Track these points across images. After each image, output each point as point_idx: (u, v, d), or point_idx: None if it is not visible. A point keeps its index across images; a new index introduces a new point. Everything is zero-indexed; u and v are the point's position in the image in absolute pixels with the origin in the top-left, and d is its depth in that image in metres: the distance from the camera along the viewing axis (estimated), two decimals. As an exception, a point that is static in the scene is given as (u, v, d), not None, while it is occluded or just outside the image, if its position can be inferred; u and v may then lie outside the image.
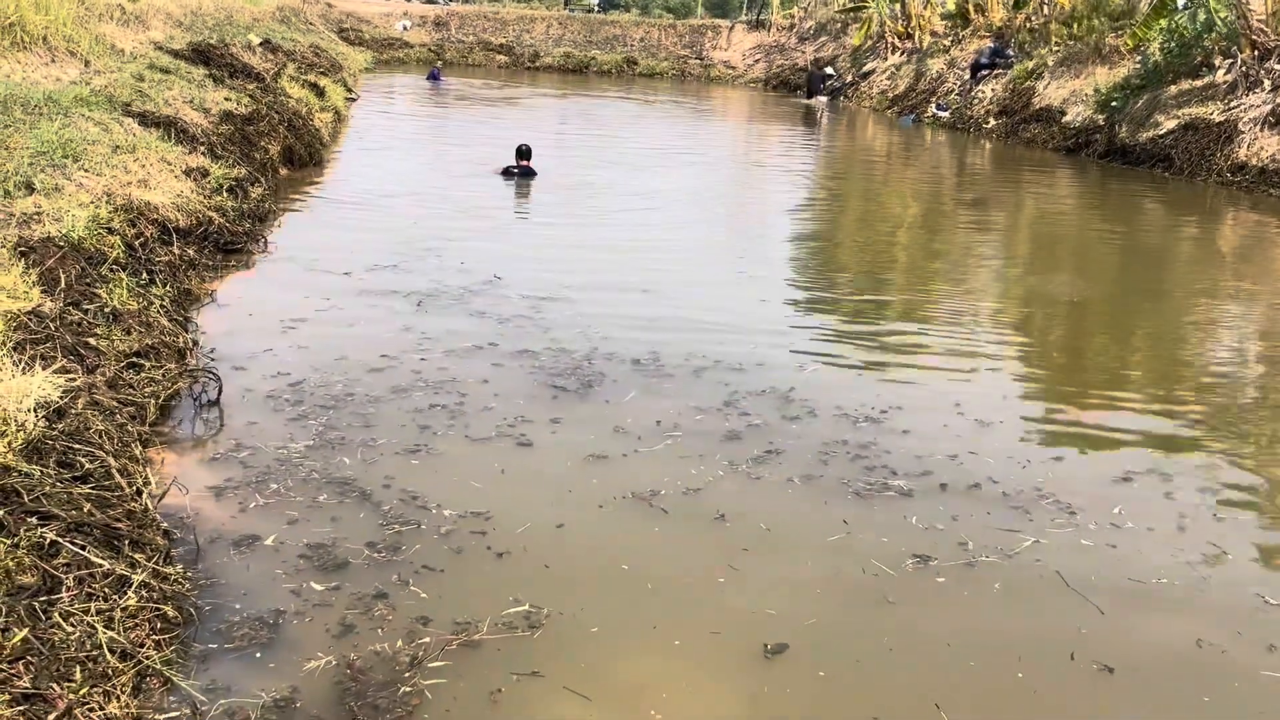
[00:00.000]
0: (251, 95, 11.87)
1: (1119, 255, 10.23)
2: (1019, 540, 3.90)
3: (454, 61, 36.05)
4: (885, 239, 10.57)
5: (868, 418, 4.98)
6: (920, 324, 6.97)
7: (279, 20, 25.54)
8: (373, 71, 30.01)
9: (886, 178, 16.04)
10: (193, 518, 3.64)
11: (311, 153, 11.70)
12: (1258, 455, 4.92)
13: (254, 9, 23.75)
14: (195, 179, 7.83)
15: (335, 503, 3.92)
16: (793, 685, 3.03)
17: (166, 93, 10.01)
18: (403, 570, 3.48)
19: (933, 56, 26.89)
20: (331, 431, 4.54)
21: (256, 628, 3.07)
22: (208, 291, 6.38)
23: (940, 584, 3.60)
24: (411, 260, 7.59)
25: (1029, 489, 4.30)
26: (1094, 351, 6.72)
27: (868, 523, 3.99)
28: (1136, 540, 3.94)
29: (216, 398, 4.66)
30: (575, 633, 3.21)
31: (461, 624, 3.19)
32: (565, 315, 6.40)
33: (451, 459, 4.37)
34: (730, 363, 5.68)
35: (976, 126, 21.68)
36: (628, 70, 38.64)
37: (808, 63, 34.76)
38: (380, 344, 5.71)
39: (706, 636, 3.24)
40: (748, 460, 4.49)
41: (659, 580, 3.55)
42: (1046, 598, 3.54)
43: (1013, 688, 3.07)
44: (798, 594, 3.50)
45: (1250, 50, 15.74)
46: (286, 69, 15.59)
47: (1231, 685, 3.13)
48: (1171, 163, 15.59)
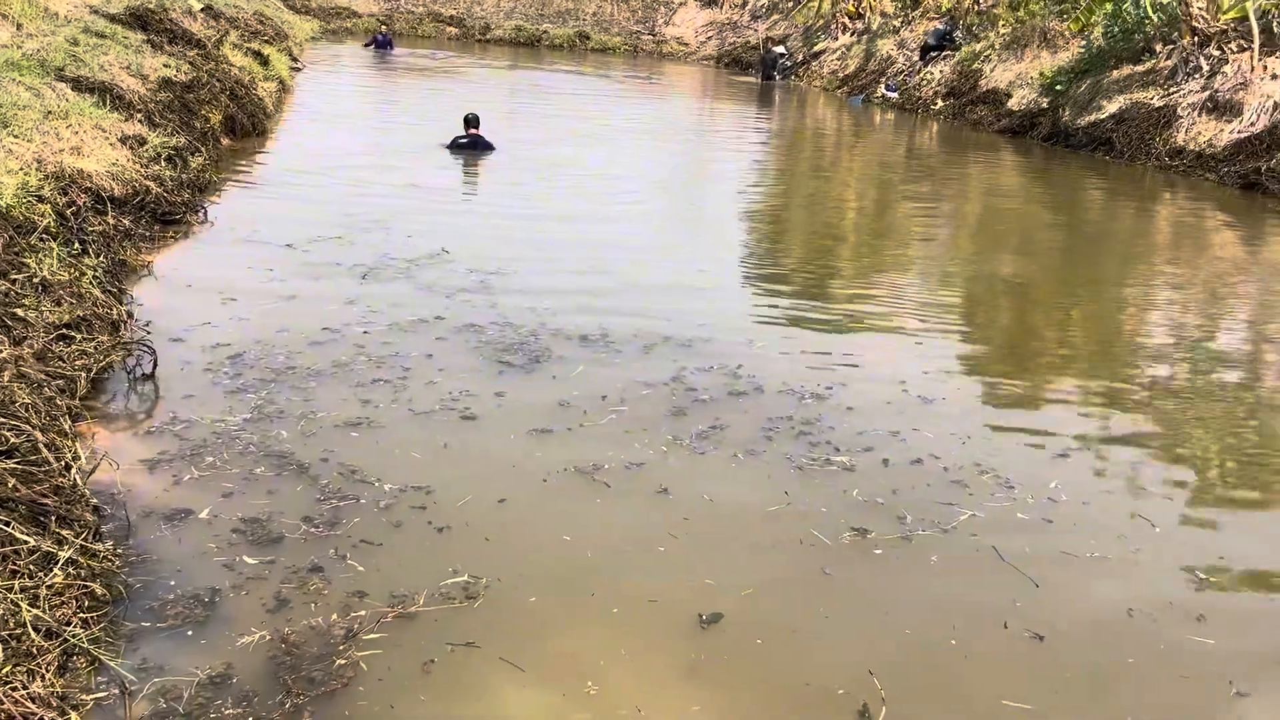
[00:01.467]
0: (192, 62, 11.57)
1: (1061, 237, 10.38)
2: (956, 514, 3.96)
3: (404, 33, 35.45)
4: (834, 218, 10.62)
5: (813, 394, 5.02)
6: (867, 302, 7.02)
7: (221, -14, 24.89)
8: (320, 41, 29.43)
9: (835, 158, 16.13)
10: (124, 493, 3.57)
11: (255, 122, 11.46)
12: (1189, 433, 5.04)
13: (195, -27, 23.12)
14: (132, 147, 7.63)
15: (272, 476, 3.86)
16: (728, 653, 3.06)
17: (102, 58, 9.72)
18: (340, 544, 3.44)
19: (883, 37, 27.02)
20: (270, 405, 4.47)
21: (189, 605, 3.02)
22: (144, 263, 6.23)
23: (877, 556, 3.65)
24: (357, 232, 7.47)
25: (968, 464, 4.36)
26: (1035, 331, 6.82)
27: (809, 496, 4.03)
28: (1072, 514, 4.01)
29: (151, 371, 4.56)
30: (513, 604, 3.21)
31: (398, 596, 3.17)
32: (514, 290, 6.35)
33: (393, 433, 4.32)
34: (679, 339, 5.67)
35: (924, 107, 21.85)
36: (580, 45, 38.31)
37: (760, 41, 34.76)
38: (323, 317, 5.63)
39: (644, 606, 3.26)
40: (692, 435, 4.50)
41: (599, 551, 3.56)
42: (982, 569, 3.60)
43: (946, 654, 3.12)
44: (737, 565, 3.53)
45: (1190, 36, 16.03)
46: (229, 36, 15.22)
47: (1158, 650, 3.21)
48: (1112, 146, 15.85)
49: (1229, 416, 5.26)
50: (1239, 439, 4.96)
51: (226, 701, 2.65)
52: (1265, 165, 13.08)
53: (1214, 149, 14.27)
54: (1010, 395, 5.42)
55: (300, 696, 2.68)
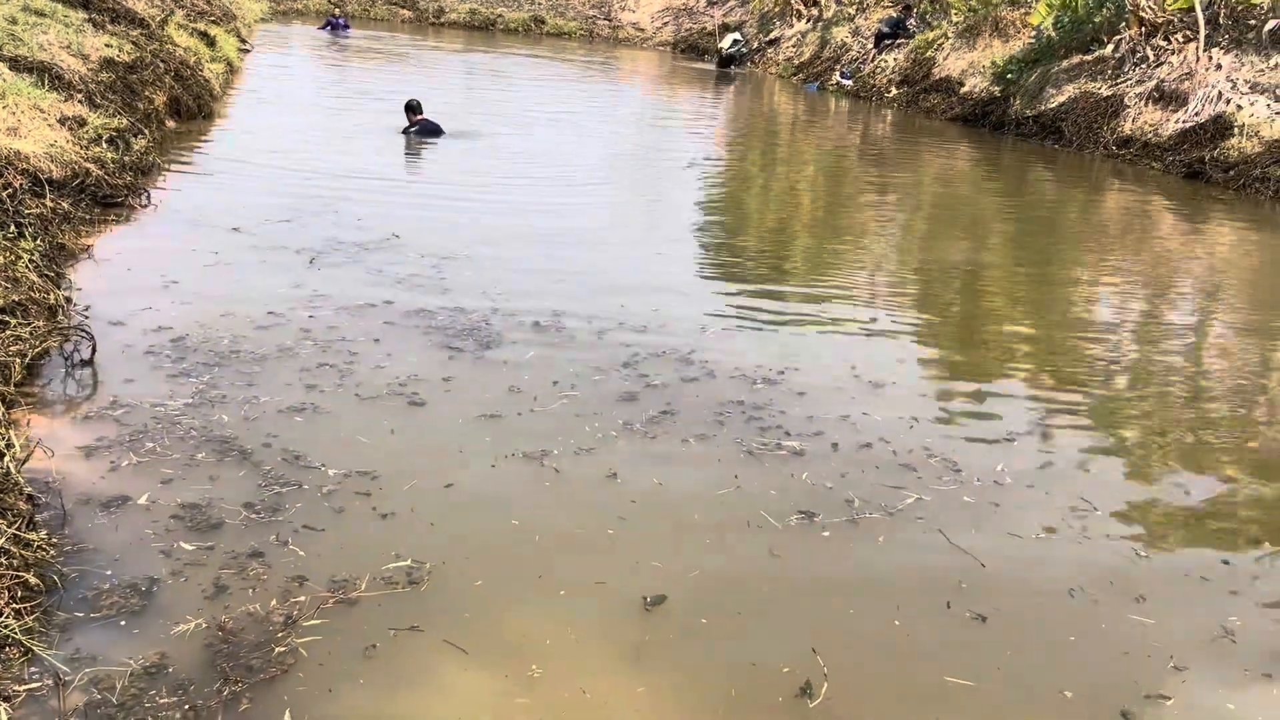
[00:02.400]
0: (135, 42, 11.29)
1: (1011, 225, 10.50)
2: (904, 497, 3.99)
3: (356, 16, 34.93)
4: (787, 205, 10.65)
5: (765, 379, 5.03)
6: (819, 288, 7.05)
7: (167, -35, 24.35)
8: (270, 23, 28.92)
9: (790, 145, 16.17)
10: (60, 481, 3.48)
11: (200, 105, 11.23)
12: (1133, 416, 5.12)
13: (140, -48, 22.59)
14: (71, 128, 7.44)
15: (214, 462, 3.80)
16: (674, 635, 3.07)
17: (41, 37, 9.45)
18: (281, 530, 3.40)
19: (838, 25, 27.12)
20: (213, 389, 4.39)
21: (125, 594, 2.95)
22: (83, 246, 6.08)
23: (824, 538, 3.67)
24: (305, 216, 7.35)
25: (917, 448, 4.40)
26: (984, 317, 6.89)
27: (758, 480, 4.04)
28: (1017, 497, 4.06)
29: (90, 357, 4.45)
30: (458, 588, 3.19)
31: (339, 582, 3.14)
32: (465, 275, 6.28)
33: (338, 418, 4.27)
34: (633, 325, 5.66)
35: (879, 95, 21.98)
36: (535, 29, 38.02)
37: (715, 28, 34.73)
38: (269, 300, 5.53)
39: (591, 589, 3.26)
40: (643, 420, 4.49)
41: (546, 536, 3.54)
42: (927, 551, 3.63)
43: (888, 634, 3.15)
44: (684, 548, 3.54)
45: (1137, 27, 16.27)
46: (174, 16, 14.88)
47: (1099, 628, 3.26)
48: (1062, 135, 16.06)
49: (1172, 399, 5.35)
50: (1181, 422, 5.05)
51: (161, 691, 2.59)
52: (1209, 154, 13.32)
53: (1160, 138, 14.50)
54: (960, 380, 5.47)
55: (238, 684, 2.64)
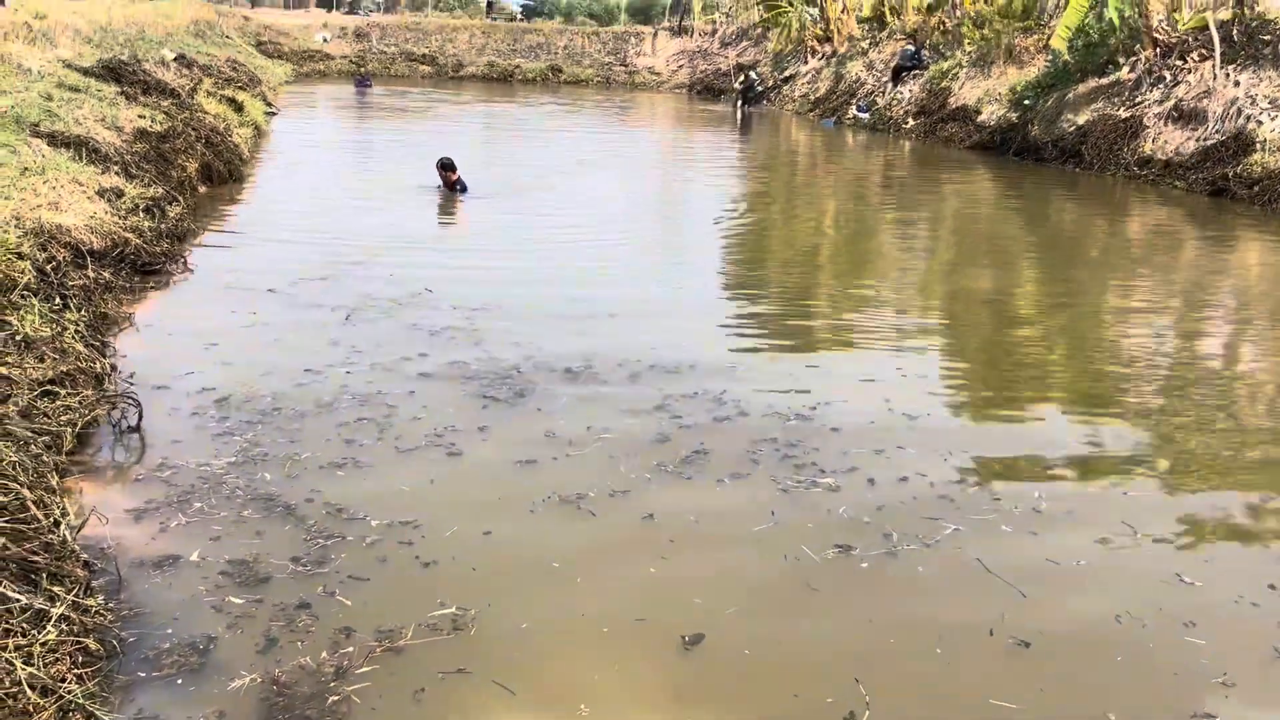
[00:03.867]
0: (166, 112, 11.62)
1: (1037, 250, 10.51)
2: (941, 528, 4.00)
3: (377, 73, 35.69)
4: (811, 241, 10.72)
5: (798, 415, 5.07)
6: (849, 323, 7.10)
7: (194, 34, 25.05)
8: (293, 84, 29.57)
9: (810, 180, 16.28)
10: (114, 546, 3.57)
11: (231, 169, 11.49)
12: (1170, 440, 5.10)
13: (167, 23, 23.27)
14: (109, 200, 7.65)
15: (260, 518, 3.88)
16: (719, 668, 3.12)
17: (77, 111, 9.76)
18: (328, 581, 3.47)
19: (851, 60, 27.36)
20: (256, 447, 4.49)
21: (183, 653, 3.02)
22: (126, 314, 6.23)
23: (863, 570, 3.70)
24: (339, 274, 7.50)
25: (954, 480, 4.42)
26: (1015, 344, 6.89)
27: (794, 516, 4.07)
28: (1056, 525, 4.06)
29: (137, 423, 4.56)
30: (503, 630, 3.25)
31: (386, 630, 3.20)
32: (497, 326, 6.38)
33: (378, 470, 4.35)
34: (664, 366, 5.72)
35: (896, 127, 22.11)
36: (553, 78, 38.61)
37: (730, 68, 35.10)
38: (306, 358, 5.65)
39: (633, 626, 3.31)
40: (676, 461, 4.54)
41: (587, 577, 3.60)
42: (967, 581, 3.65)
43: (930, 662, 3.18)
44: (723, 583, 3.59)
45: (1152, 48, 16.31)
46: (203, 84, 15.30)
47: (1147, 649, 3.26)
48: (1082, 158, 16.08)
49: (1209, 421, 5.33)
50: (1219, 443, 5.03)
51: (223, 748, 2.65)
52: (1232, 171, 13.28)
53: (1181, 157, 14.48)
54: (993, 409, 5.48)
55: (297, 738, 2.69)
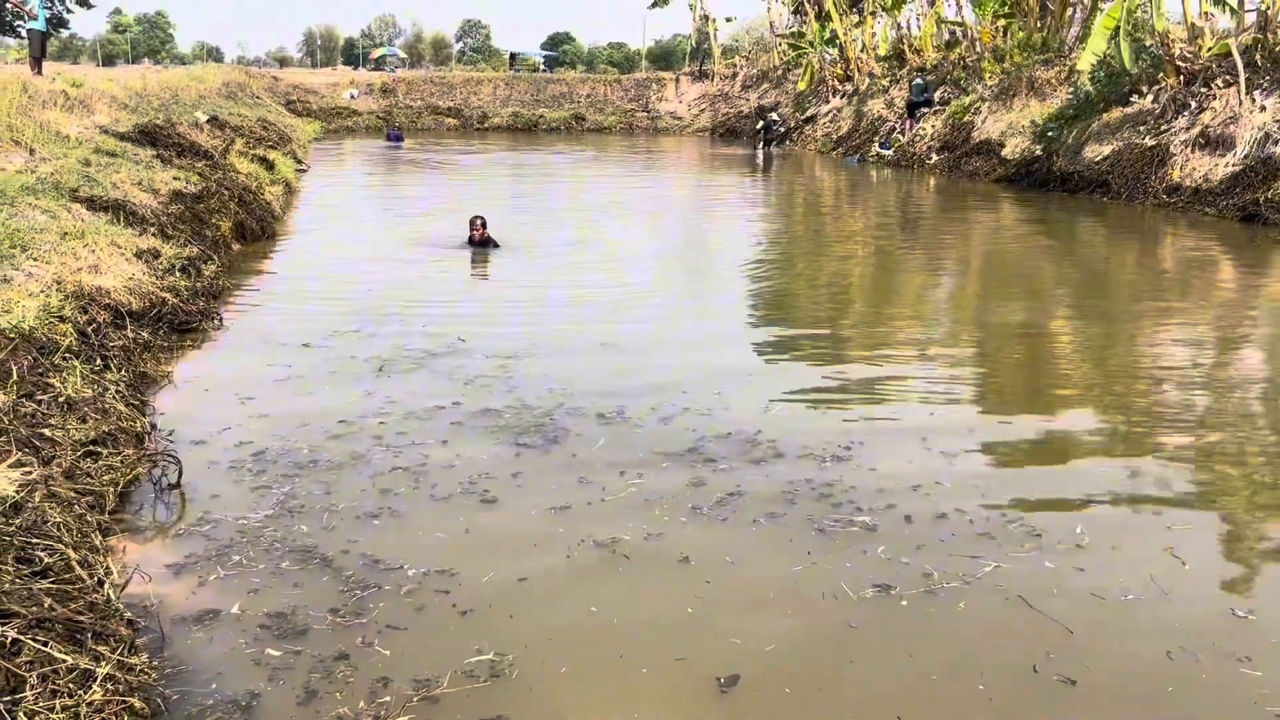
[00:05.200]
0: (200, 173, 11.88)
1: (1067, 281, 10.45)
2: (982, 565, 3.95)
3: (404, 126, 36.31)
4: (840, 279, 10.72)
5: (833, 455, 5.04)
6: (882, 360, 7.07)
7: (225, 96, 25.64)
8: (322, 140, 30.14)
9: (836, 218, 16.31)
10: (157, 605, 3.60)
11: (264, 227, 11.70)
12: (1214, 470, 5.03)
13: (199, 86, 23.85)
14: (147, 261, 7.81)
15: (297, 570, 3.91)
16: (762, 707, 3.11)
17: (114, 176, 9.99)
18: (365, 632, 3.48)
19: (872, 97, 27.53)
20: (293, 500, 4.52)
21: (226, 710, 3.03)
22: (164, 373, 6.33)
23: (903, 608, 3.67)
24: (372, 327, 7.58)
25: (994, 516, 4.37)
26: (1050, 377, 6.84)
27: (832, 556, 4.05)
28: (1100, 559, 4.00)
29: (177, 481, 4.61)
30: (541, 674, 3.26)
31: (423, 680, 3.20)
32: (530, 374, 6.42)
33: (413, 520, 4.37)
34: (696, 410, 5.72)
35: (920, 163, 22.16)
36: (576, 126, 39.14)
37: (752, 111, 35.40)
38: (341, 410, 5.70)
39: (672, 666, 3.31)
40: (712, 503, 4.52)
41: (624, 619, 3.60)
42: (1009, 618, 3.60)
43: (975, 699, 3.14)
44: (761, 623, 3.58)
45: (1175, 76, 16.29)
46: (235, 144, 15.63)
47: (1200, 680, 3.19)
48: (1109, 188, 16.04)
49: (1252, 449, 5.25)
50: (1263, 471, 4.95)
51: (268, 805, 2.65)
52: (1263, 195, 13.18)
53: (1210, 183, 14.40)
54: (1031, 443, 5.42)
55: (340, 794, 2.69)
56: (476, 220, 11.26)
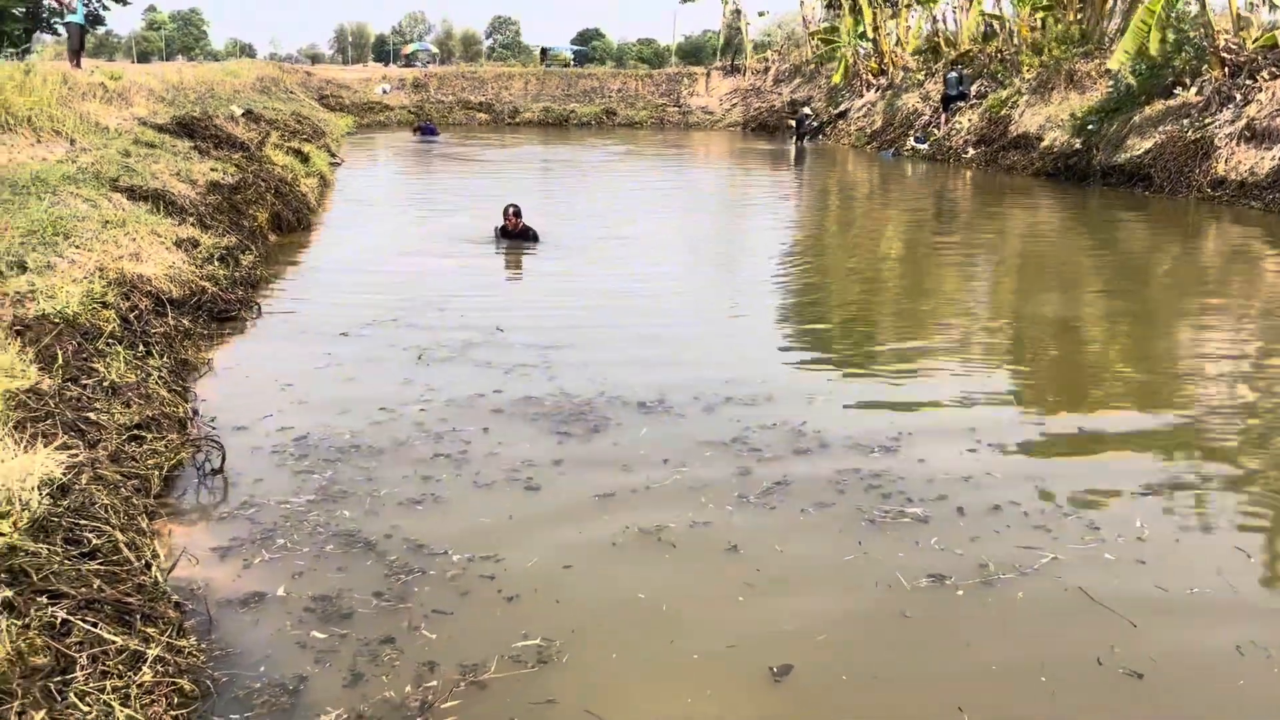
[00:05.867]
0: (237, 165, 11.92)
1: (1111, 274, 10.27)
2: (1038, 557, 3.86)
3: (435, 121, 36.40)
4: (880, 270, 10.60)
5: (881, 446, 4.95)
6: (925, 353, 6.96)
7: (259, 90, 25.81)
8: (355, 135, 30.27)
9: (873, 211, 16.15)
10: (203, 587, 3.57)
11: (299, 218, 11.73)
12: (1269, 461, 4.89)
13: (234, 80, 24.01)
14: (186, 249, 7.83)
15: (341, 554, 3.88)
16: (814, 696, 3.06)
17: (153, 166, 10.05)
18: (411, 616, 3.45)
19: (907, 91, 27.26)
20: (335, 485, 4.50)
21: (273, 693, 3.00)
22: (205, 360, 6.33)
23: (959, 598, 3.59)
24: (409, 317, 7.56)
25: (1049, 508, 4.26)
26: (1098, 369, 6.70)
27: (883, 546, 3.97)
28: (1162, 552, 3.89)
29: (220, 466, 4.60)
30: (590, 660, 3.22)
31: (470, 665, 3.16)
32: (569, 363, 6.36)
33: (457, 506, 4.34)
34: (739, 399, 5.65)
35: (956, 157, 21.91)
36: (607, 121, 39.08)
37: (784, 105, 35.19)
38: (381, 397, 5.68)
39: (724, 653, 3.26)
40: (758, 492, 4.45)
41: (673, 605, 3.55)
42: (1070, 611, 3.51)
43: (1037, 691, 3.06)
44: (814, 612, 3.51)
45: (1220, 68, 15.98)
46: (270, 137, 15.70)
47: (1275, 678, 3.09)
48: (1152, 181, 15.76)
49: (1310, 442, 5.10)
50: (1324, 464, 4.81)
51: (318, 789, 2.61)
52: (1312, 188, 12.90)
53: (1256, 176, 14.12)
54: (1083, 436, 5.30)
55: (390, 778, 2.64)
56: (509, 209, 10.87)
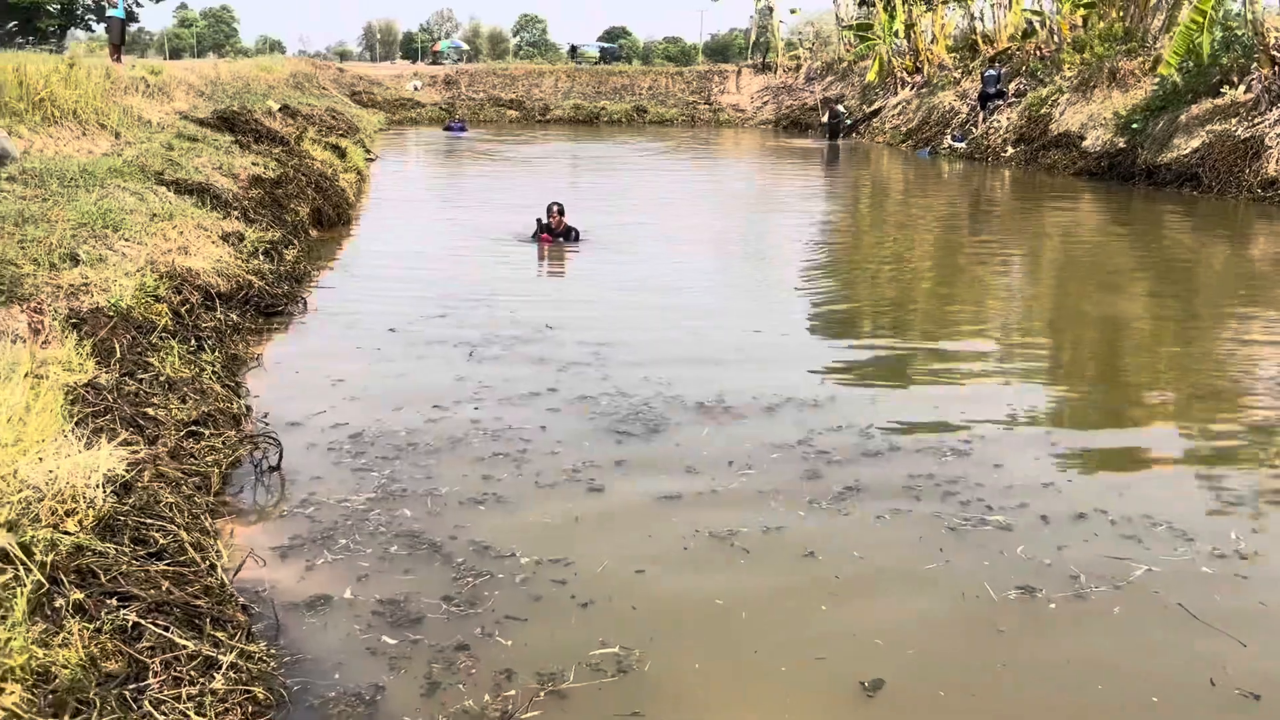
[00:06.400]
0: (278, 159, 11.88)
1: (1177, 275, 10.03)
2: (1131, 569, 3.69)
3: (466, 118, 36.42)
4: (930, 270, 10.41)
5: (953, 450, 4.79)
6: (991, 353, 6.79)
7: (293, 86, 25.87)
8: (387, 131, 30.30)
9: (918, 209, 15.91)
10: (268, 589, 3.47)
11: (339, 213, 11.66)
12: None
13: (268, 76, 24.07)
14: (232, 244, 7.76)
15: (405, 555, 3.79)
16: (907, 714, 2.92)
17: (196, 160, 10.01)
18: (484, 621, 3.34)
19: (943, 89, 26.94)
20: (394, 483, 4.40)
21: (350, 703, 2.89)
22: (253, 355, 6.25)
23: (1052, 611, 3.44)
24: (457, 313, 7.46)
25: (1136, 517, 4.09)
26: (1172, 373, 6.45)
27: (967, 555, 3.82)
28: (1265, 566, 3.72)
29: (277, 463, 4.50)
30: (673, 670, 3.09)
31: (548, 674, 3.05)
32: (621, 360, 6.24)
33: (520, 506, 4.22)
34: (800, 400, 5.50)
35: (994, 156, 21.61)
36: (638, 118, 38.93)
37: (817, 102, 34.94)
38: (434, 394, 5.58)
39: (811, 664, 3.14)
40: (830, 497, 4.31)
41: (753, 614, 3.43)
42: (1171, 626, 3.35)
43: (1146, 711, 2.92)
44: (901, 623, 3.39)
45: (1270, 66, 15.64)
46: (307, 132, 15.68)
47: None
48: (1199, 181, 15.44)
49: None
50: None
51: (404, 806, 2.50)
52: (1370, 188, 12.58)
53: (1311, 176, 13.80)
54: (1165, 441, 5.12)
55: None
56: (553, 206, 10.54)
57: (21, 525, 2.91)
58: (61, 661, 2.46)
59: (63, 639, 2.56)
